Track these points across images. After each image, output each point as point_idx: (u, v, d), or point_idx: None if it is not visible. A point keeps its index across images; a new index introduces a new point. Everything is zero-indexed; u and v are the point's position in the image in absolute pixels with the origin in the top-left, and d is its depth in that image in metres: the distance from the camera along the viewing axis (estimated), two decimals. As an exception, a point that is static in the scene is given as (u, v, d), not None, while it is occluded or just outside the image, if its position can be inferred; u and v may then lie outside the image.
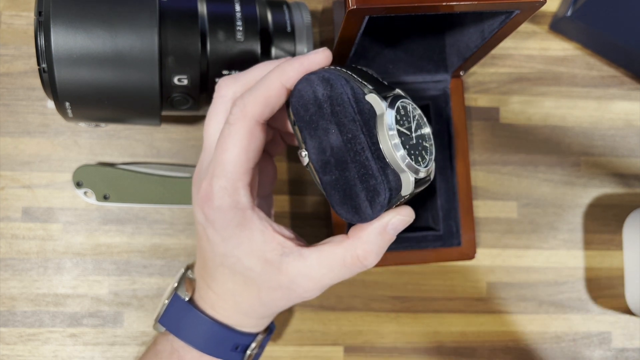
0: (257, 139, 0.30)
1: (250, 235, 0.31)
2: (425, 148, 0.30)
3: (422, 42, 0.42)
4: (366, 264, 0.31)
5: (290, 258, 0.31)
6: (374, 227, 0.30)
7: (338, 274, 0.31)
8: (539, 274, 0.46)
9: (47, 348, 0.42)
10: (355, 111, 0.28)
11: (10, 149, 0.42)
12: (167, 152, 0.43)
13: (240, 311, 0.34)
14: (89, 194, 0.42)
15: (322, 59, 0.30)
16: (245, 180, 0.30)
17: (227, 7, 0.36)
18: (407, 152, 0.29)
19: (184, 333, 0.35)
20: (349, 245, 0.30)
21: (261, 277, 0.31)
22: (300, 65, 0.30)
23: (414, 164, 0.29)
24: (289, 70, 0.30)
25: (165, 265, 0.43)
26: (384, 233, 0.30)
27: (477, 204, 0.45)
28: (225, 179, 0.30)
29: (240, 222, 0.31)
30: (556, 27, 0.46)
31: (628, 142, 0.47)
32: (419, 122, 0.31)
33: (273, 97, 0.30)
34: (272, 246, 0.31)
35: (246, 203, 0.30)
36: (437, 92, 0.43)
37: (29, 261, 0.42)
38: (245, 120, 0.30)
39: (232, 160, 0.30)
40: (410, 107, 0.30)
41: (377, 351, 0.44)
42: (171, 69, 0.34)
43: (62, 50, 0.32)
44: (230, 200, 0.30)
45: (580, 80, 0.47)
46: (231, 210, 0.30)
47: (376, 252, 0.31)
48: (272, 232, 0.31)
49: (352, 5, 0.29)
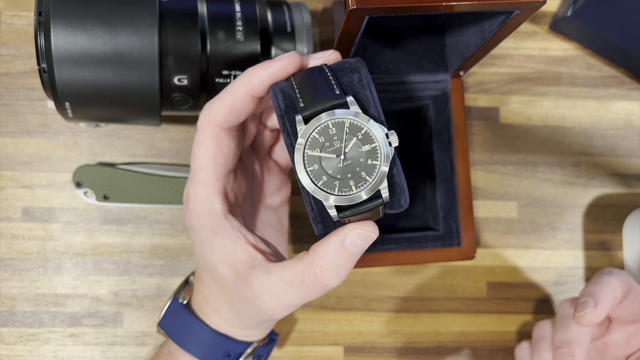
0: (225, 146, 0.30)
1: (222, 243, 0.31)
2: (367, 168, 0.27)
3: (422, 42, 0.42)
4: (325, 284, 0.29)
5: (257, 271, 0.30)
6: (330, 243, 0.28)
7: (299, 292, 0.29)
8: (539, 274, 0.46)
9: (47, 348, 0.42)
10: (289, 133, 0.28)
11: (10, 149, 0.42)
12: (167, 152, 0.43)
13: (222, 319, 0.34)
14: (89, 194, 0.42)
15: (287, 65, 0.29)
16: (217, 187, 0.30)
17: (227, 7, 0.36)
18: (327, 180, 0.27)
19: (178, 336, 0.35)
20: (307, 262, 0.28)
21: (232, 287, 0.31)
22: (265, 72, 0.29)
23: (332, 195, 0.27)
24: (254, 79, 0.29)
25: (165, 265, 0.43)
26: (342, 249, 0.28)
27: (477, 204, 0.45)
28: (197, 185, 0.31)
29: (214, 228, 0.31)
30: (556, 27, 0.46)
31: (628, 142, 0.47)
32: (359, 140, 0.27)
33: (238, 104, 0.30)
34: (242, 257, 0.30)
35: (219, 210, 0.30)
36: (437, 92, 0.43)
37: (29, 261, 0.42)
38: (210, 127, 0.30)
39: (201, 167, 0.30)
40: (349, 122, 0.27)
41: (377, 351, 0.44)
42: (171, 69, 0.34)
43: (62, 50, 0.32)
44: (202, 206, 0.30)
45: (580, 80, 0.47)
46: (205, 216, 0.31)
47: (335, 271, 0.28)
48: (243, 243, 0.31)
49: (352, 5, 0.29)
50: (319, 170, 0.27)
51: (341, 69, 0.29)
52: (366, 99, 0.28)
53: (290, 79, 0.29)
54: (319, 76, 0.28)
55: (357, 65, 0.29)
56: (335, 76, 0.28)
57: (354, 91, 0.28)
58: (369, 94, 0.28)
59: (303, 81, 0.28)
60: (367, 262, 0.42)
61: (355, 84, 0.29)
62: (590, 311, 0.35)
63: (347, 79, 0.29)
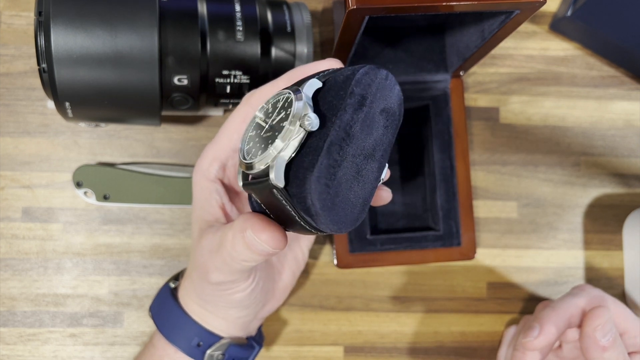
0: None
1: (201, 203, 0.33)
2: (273, 140, 0.24)
3: (422, 42, 0.42)
4: (230, 251, 0.27)
5: (210, 230, 0.31)
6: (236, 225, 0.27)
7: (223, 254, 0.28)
8: (539, 274, 0.46)
9: (47, 348, 0.42)
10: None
11: (10, 149, 0.42)
12: (167, 152, 0.43)
13: (192, 299, 0.34)
14: (89, 194, 0.42)
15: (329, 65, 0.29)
16: (221, 154, 0.33)
17: (227, 7, 0.36)
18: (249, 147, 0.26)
19: (159, 320, 0.36)
20: (233, 224, 0.27)
21: (193, 248, 0.33)
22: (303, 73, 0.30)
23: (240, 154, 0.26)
24: (294, 78, 0.30)
25: (165, 265, 0.43)
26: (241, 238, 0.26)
27: (477, 204, 0.45)
28: (208, 148, 0.33)
29: (202, 187, 0.33)
30: (556, 27, 0.46)
31: (628, 142, 0.47)
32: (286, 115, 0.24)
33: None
34: (208, 217, 0.32)
35: (211, 174, 0.33)
36: (437, 92, 0.43)
37: (29, 261, 0.42)
38: (244, 106, 0.32)
39: (220, 135, 0.33)
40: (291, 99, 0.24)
41: (377, 351, 0.44)
42: (171, 69, 0.34)
43: (62, 50, 0.32)
44: (202, 165, 0.33)
45: (580, 80, 0.47)
46: (200, 175, 0.33)
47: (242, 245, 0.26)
48: (216, 206, 0.32)
49: (352, 5, 0.29)
50: (251, 138, 0.26)
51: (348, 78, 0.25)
52: (335, 102, 0.25)
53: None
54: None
55: (367, 74, 0.25)
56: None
57: (336, 90, 0.25)
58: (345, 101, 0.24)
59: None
60: (367, 262, 0.42)
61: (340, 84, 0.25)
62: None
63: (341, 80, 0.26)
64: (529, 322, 0.39)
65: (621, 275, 0.46)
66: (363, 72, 0.25)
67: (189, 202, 0.42)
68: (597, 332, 0.35)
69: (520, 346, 0.37)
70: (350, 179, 0.24)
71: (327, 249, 0.44)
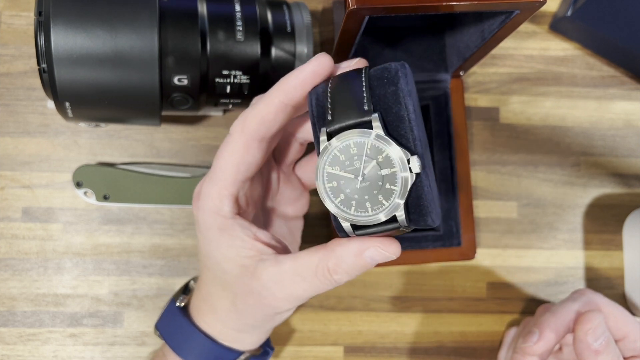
0: (252, 155, 0.30)
1: (229, 240, 0.31)
2: (384, 191, 0.26)
3: (422, 42, 0.42)
4: (335, 279, 0.29)
5: (266, 264, 0.30)
6: (351, 248, 0.28)
7: (309, 284, 0.30)
8: (539, 274, 0.46)
9: (47, 348, 0.42)
10: (319, 142, 0.28)
11: (10, 149, 0.42)
12: (167, 152, 0.43)
13: (218, 319, 0.34)
14: (89, 194, 0.42)
15: (317, 68, 0.29)
16: (231, 190, 0.31)
17: (227, 7, 0.36)
18: (344, 198, 0.27)
19: (171, 339, 0.35)
20: (322, 255, 0.29)
21: (236, 282, 0.31)
22: (296, 79, 0.29)
23: (348, 214, 0.27)
24: (286, 86, 0.29)
25: (165, 265, 0.43)
26: (360, 257, 0.28)
27: (477, 204, 0.45)
28: (212, 183, 0.31)
29: (221, 227, 0.31)
30: (556, 27, 0.46)
31: (628, 142, 0.47)
32: (378, 163, 0.26)
33: (271, 114, 0.30)
34: (250, 253, 0.31)
35: (227, 212, 0.31)
36: (437, 92, 0.43)
37: (29, 261, 0.42)
38: (242, 134, 0.30)
39: (222, 168, 0.31)
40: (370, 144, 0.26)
41: (377, 351, 0.44)
42: (171, 69, 0.34)
43: (62, 50, 0.32)
44: (212, 205, 0.31)
45: (580, 80, 0.47)
46: (212, 214, 0.31)
47: (346, 271, 0.29)
48: (251, 240, 0.31)
49: (352, 5, 0.29)
50: (337, 188, 0.27)
51: (379, 78, 0.27)
52: (397, 115, 0.27)
53: (328, 83, 0.28)
54: (353, 86, 0.27)
55: (395, 75, 0.27)
56: (370, 87, 0.27)
57: (386, 106, 0.27)
58: (403, 110, 0.27)
59: (337, 89, 0.28)
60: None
61: (389, 98, 0.27)
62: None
63: (381, 91, 0.27)
64: (528, 325, 0.39)
65: (621, 275, 0.46)
66: (404, 82, 0.27)
67: (188, 202, 0.42)
68: (589, 336, 0.35)
69: (520, 350, 0.37)
70: (432, 179, 0.28)
71: (327, 249, 0.44)
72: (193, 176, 0.42)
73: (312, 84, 0.29)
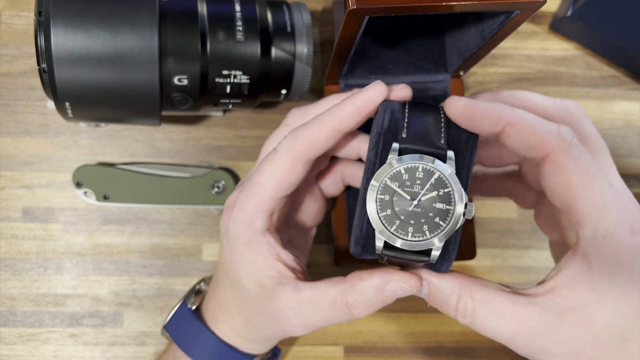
0: (295, 175, 0.30)
1: (253, 257, 0.31)
2: (432, 224, 0.27)
3: (422, 42, 0.42)
4: (354, 313, 0.29)
5: (285, 288, 0.30)
6: (372, 283, 0.29)
7: (326, 315, 0.30)
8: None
9: (47, 348, 0.42)
10: (378, 153, 0.28)
11: (10, 149, 0.42)
12: (167, 152, 0.43)
13: (233, 328, 0.34)
14: (89, 194, 0.42)
15: (373, 96, 0.29)
16: (268, 206, 0.30)
17: (227, 7, 0.36)
18: (391, 215, 0.27)
19: (185, 342, 0.35)
20: (342, 289, 0.29)
21: (254, 300, 0.31)
22: (352, 107, 0.29)
23: (387, 230, 0.27)
24: (343, 115, 0.29)
25: (165, 265, 0.43)
26: (381, 291, 0.29)
27: (477, 204, 0.45)
28: (250, 196, 0.30)
29: (248, 241, 0.31)
30: (556, 27, 0.46)
31: (628, 142, 0.47)
32: (438, 196, 0.27)
33: (322, 138, 0.29)
34: (270, 273, 0.31)
35: (259, 227, 0.31)
36: (437, 92, 0.43)
37: (29, 261, 0.42)
38: (290, 153, 0.30)
39: (262, 183, 0.30)
40: (437, 176, 0.27)
41: (377, 351, 0.44)
42: (171, 69, 0.34)
43: (62, 50, 0.32)
44: (245, 217, 0.31)
45: (580, 80, 0.47)
46: (243, 227, 0.31)
47: (366, 306, 0.29)
48: (274, 260, 0.31)
49: (352, 5, 0.29)
50: (388, 203, 0.27)
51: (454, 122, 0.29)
52: (463, 161, 0.28)
53: (406, 105, 0.29)
54: (433, 118, 0.28)
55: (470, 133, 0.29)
56: (447, 125, 0.28)
57: (457, 148, 0.28)
58: (467, 158, 0.28)
59: (417, 114, 0.28)
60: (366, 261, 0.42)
61: (462, 142, 0.28)
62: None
63: (455, 132, 0.28)
64: None
65: (621, 275, 0.46)
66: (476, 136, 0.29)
67: (189, 202, 0.42)
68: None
69: None
70: None
71: (326, 249, 0.44)
72: (193, 176, 0.42)
73: (367, 113, 0.29)
